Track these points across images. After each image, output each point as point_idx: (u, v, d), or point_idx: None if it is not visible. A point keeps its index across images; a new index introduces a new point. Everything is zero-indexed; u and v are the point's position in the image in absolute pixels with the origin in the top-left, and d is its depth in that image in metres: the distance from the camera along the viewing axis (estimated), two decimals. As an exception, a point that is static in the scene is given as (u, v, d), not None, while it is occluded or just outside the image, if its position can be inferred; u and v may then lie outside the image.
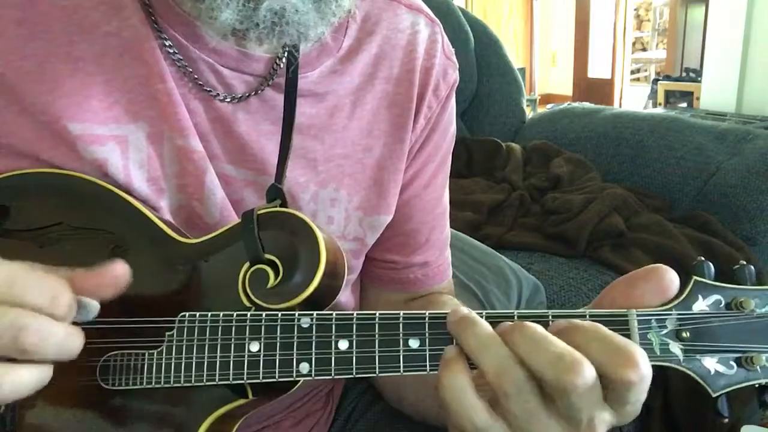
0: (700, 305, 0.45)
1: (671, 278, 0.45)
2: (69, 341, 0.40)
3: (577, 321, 0.43)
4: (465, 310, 0.44)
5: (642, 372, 0.40)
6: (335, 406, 0.79)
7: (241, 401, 0.47)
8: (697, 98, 3.51)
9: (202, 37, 0.54)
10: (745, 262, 0.45)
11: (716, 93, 3.16)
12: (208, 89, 0.55)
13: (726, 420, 0.44)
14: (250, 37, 0.50)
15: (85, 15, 0.52)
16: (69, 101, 0.51)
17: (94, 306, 0.42)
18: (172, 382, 0.46)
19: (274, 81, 0.57)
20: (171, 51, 0.54)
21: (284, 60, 0.57)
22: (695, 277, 0.45)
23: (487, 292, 1.08)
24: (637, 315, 0.44)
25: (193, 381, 0.45)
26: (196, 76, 0.55)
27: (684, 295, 0.45)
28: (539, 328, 0.41)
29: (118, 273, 0.42)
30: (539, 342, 0.41)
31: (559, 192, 1.57)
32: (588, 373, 0.39)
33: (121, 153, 0.53)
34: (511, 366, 0.41)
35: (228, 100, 0.56)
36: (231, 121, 0.56)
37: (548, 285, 1.25)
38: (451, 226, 0.76)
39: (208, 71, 0.55)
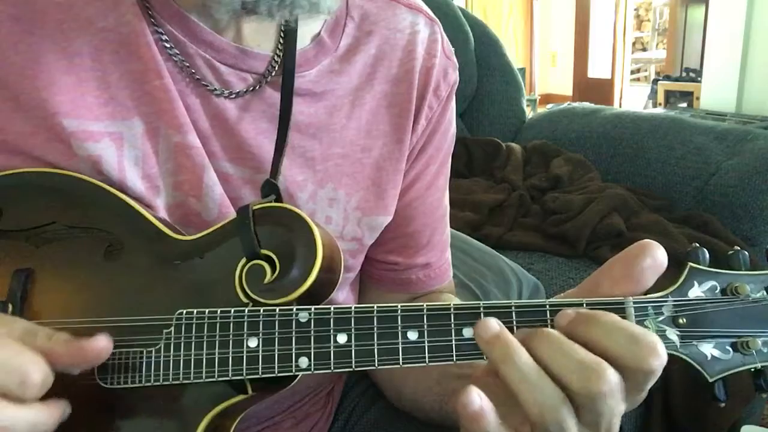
0: (696, 291, 0.44)
1: (662, 253, 0.44)
2: (39, 423, 0.39)
3: (589, 311, 0.42)
4: (495, 323, 0.42)
5: (663, 360, 0.40)
6: (335, 407, 0.79)
7: (241, 397, 0.47)
8: (697, 98, 3.52)
9: (200, 32, 0.54)
10: (738, 248, 0.45)
11: (716, 93, 3.16)
12: (206, 84, 0.55)
13: (723, 404, 0.44)
14: (261, 10, 0.49)
15: (80, 10, 0.52)
16: (64, 97, 0.51)
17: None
18: (171, 380, 0.45)
19: (272, 79, 0.57)
20: (168, 46, 0.53)
21: (282, 57, 0.57)
22: (690, 264, 0.45)
23: (487, 292, 1.08)
24: (634, 302, 0.44)
25: (192, 378, 0.45)
26: (193, 71, 0.54)
27: (680, 282, 0.45)
28: (560, 335, 0.41)
29: (100, 347, 0.42)
30: (562, 347, 0.40)
31: (559, 192, 1.57)
32: (612, 377, 0.39)
33: (116, 150, 0.52)
34: (558, 404, 0.39)
35: (226, 95, 0.56)
36: (229, 119, 0.56)
37: (548, 285, 1.25)
38: (451, 226, 0.76)
39: (205, 67, 0.55)
